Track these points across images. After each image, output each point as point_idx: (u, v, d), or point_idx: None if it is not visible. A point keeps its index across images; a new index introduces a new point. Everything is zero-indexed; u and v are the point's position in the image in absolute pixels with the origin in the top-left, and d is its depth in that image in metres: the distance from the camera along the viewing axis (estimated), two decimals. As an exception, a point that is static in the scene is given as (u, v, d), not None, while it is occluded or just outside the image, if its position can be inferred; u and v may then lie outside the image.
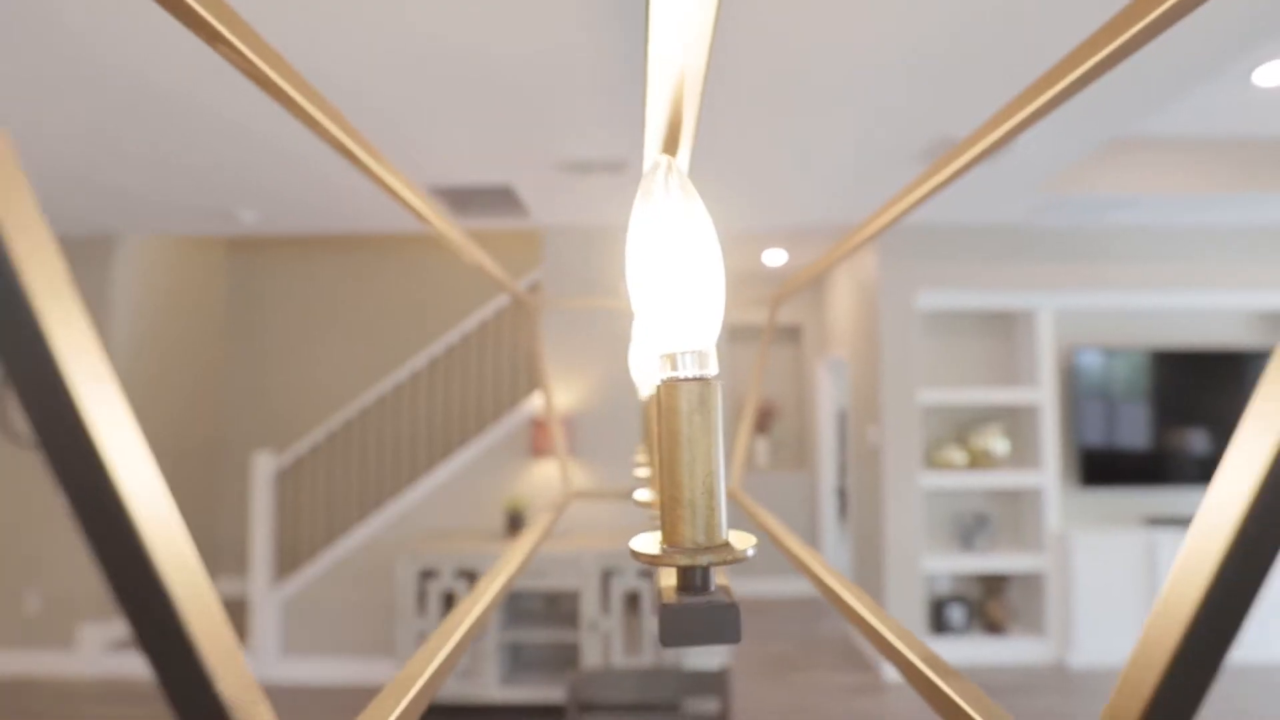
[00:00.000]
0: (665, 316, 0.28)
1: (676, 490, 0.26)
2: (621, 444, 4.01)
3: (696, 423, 0.27)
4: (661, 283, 0.27)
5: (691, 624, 0.24)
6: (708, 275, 0.27)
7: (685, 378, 0.28)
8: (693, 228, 0.27)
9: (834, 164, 3.17)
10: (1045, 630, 4.24)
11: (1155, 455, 4.39)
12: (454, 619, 0.36)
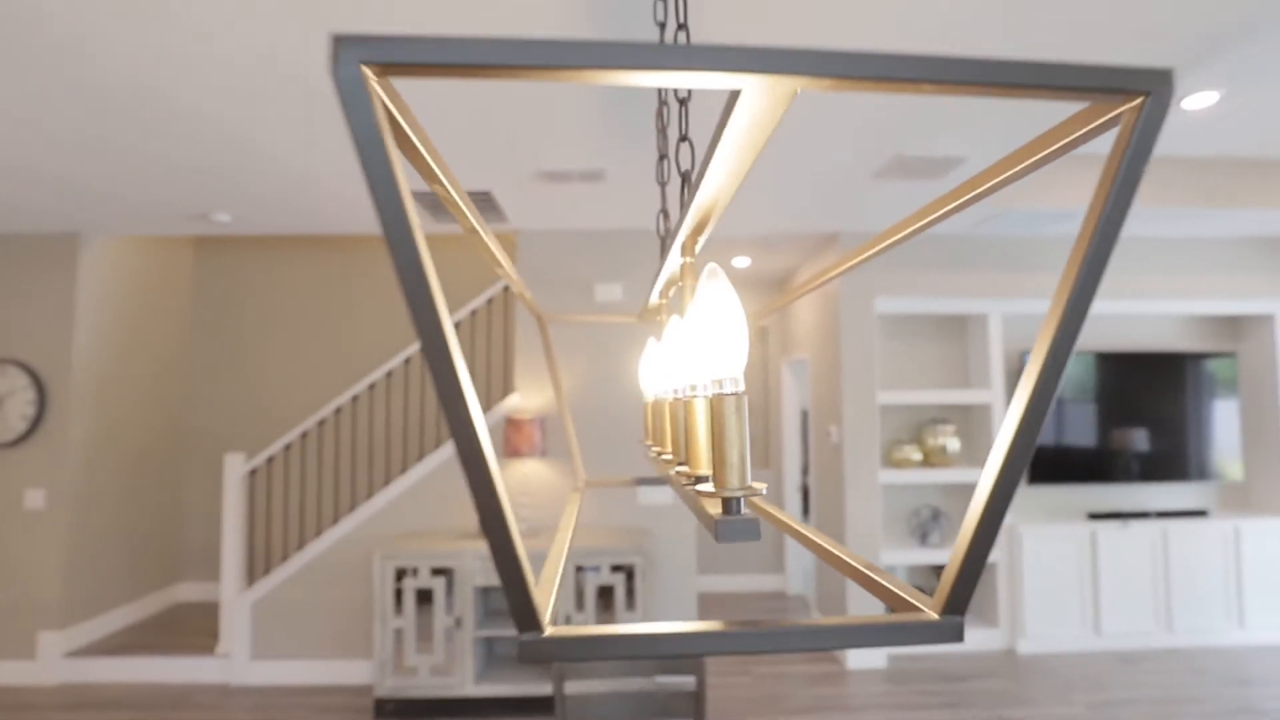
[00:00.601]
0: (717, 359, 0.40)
1: (722, 456, 0.39)
2: (592, 444, 4.12)
3: (734, 419, 0.39)
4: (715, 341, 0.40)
5: (735, 530, 0.37)
6: (739, 335, 0.40)
7: (729, 393, 0.40)
8: (731, 306, 0.40)
9: (799, 180, 3.34)
10: (997, 619, 4.48)
11: (1097, 453, 4.67)
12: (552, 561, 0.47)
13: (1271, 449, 4.76)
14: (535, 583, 0.30)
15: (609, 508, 4.12)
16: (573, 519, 0.68)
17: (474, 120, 2.66)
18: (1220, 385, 4.75)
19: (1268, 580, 4.54)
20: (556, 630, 0.33)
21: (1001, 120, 2.69)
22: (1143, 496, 4.87)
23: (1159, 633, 4.44)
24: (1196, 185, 3.90)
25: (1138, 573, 4.48)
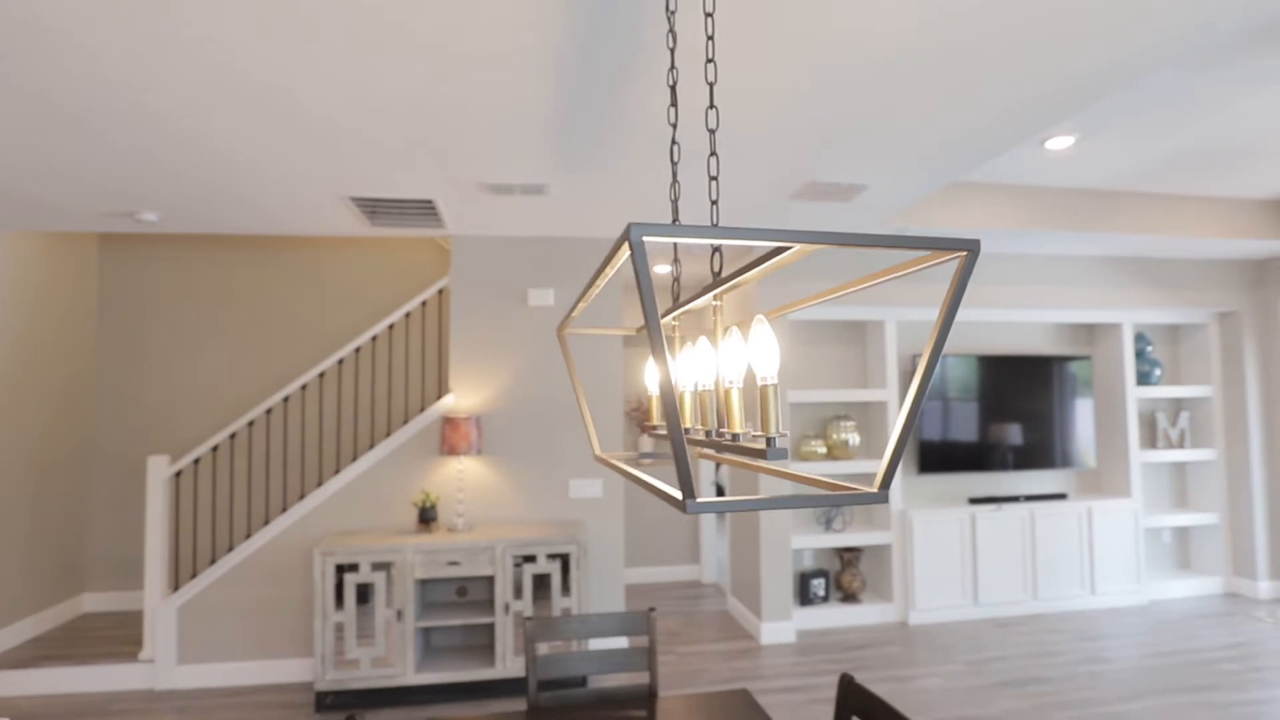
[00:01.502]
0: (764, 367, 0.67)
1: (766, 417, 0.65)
2: (528, 442, 4.31)
3: (772, 398, 0.66)
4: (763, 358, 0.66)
5: (776, 454, 0.64)
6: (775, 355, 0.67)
7: (770, 384, 0.66)
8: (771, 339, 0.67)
9: (725, 197, 3.67)
10: (891, 595, 4.99)
11: (978, 446, 5.28)
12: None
13: (1119, 440, 5.52)
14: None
15: (542, 502, 4.32)
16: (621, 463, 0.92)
17: (424, 135, 2.82)
18: (1079, 385, 5.47)
19: (1113, 553, 5.29)
20: (702, 499, 0.58)
21: (894, 159, 3.11)
22: (1014, 483, 5.54)
23: (1027, 600, 5.09)
24: (1060, 212, 4.54)
25: (1009, 549, 5.11)
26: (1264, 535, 5.49)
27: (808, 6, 1.93)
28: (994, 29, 2.07)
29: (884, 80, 2.39)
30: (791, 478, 0.84)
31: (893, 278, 0.64)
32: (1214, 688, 3.75)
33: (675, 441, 0.59)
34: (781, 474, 0.84)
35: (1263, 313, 5.64)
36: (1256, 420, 5.56)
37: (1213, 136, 3.68)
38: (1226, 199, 4.90)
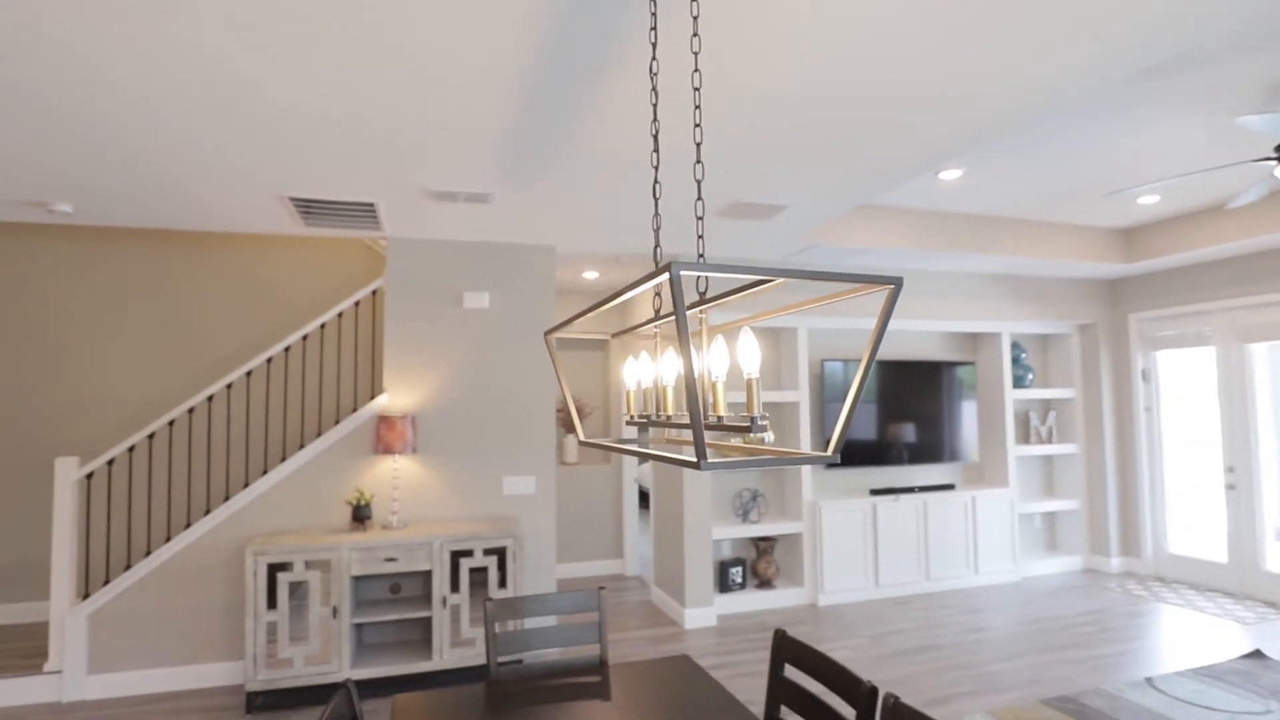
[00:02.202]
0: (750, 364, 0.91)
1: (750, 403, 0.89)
2: (463, 441, 4.42)
3: (756, 388, 0.90)
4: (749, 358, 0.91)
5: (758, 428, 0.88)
6: (756, 356, 0.92)
7: (754, 378, 0.91)
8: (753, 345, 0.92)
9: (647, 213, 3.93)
10: (803, 580, 5.40)
11: (879, 443, 5.78)
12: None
13: (998, 436, 6.17)
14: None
15: (476, 499, 4.44)
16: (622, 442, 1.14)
17: (378, 144, 2.92)
18: (965, 387, 6.08)
19: (993, 536, 5.92)
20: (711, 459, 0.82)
21: (810, 185, 3.46)
22: (910, 475, 6.09)
23: (920, 580, 5.62)
24: (951, 234, 5.07)
25: (905, 535, 5.63)
26: (1115, 518, 6.28)
27: (744, 72, 2.21)
28: (884, 92, 2.43)
29: (798, 127, 2.71)
30: (758, 451, 1.08)
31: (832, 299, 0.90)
32: (1073, 646, 4.33)
33: (694, 417, 0.81)
34: (747, 448, 1.08)
35: (1115, 325, 6.45)
36: (1109, 418, 6.35)
37: (1075, 175, 4.26)
38: (1086, 227, 5.61)
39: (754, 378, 0.89)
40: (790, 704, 1.84)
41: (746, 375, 0.90)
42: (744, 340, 0.92)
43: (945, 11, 2.01)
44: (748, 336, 0.92)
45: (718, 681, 2.12)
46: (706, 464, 0.83)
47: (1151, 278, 6.16)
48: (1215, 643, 4.38)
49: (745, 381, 0.92)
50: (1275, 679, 3.73)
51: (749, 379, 0.89)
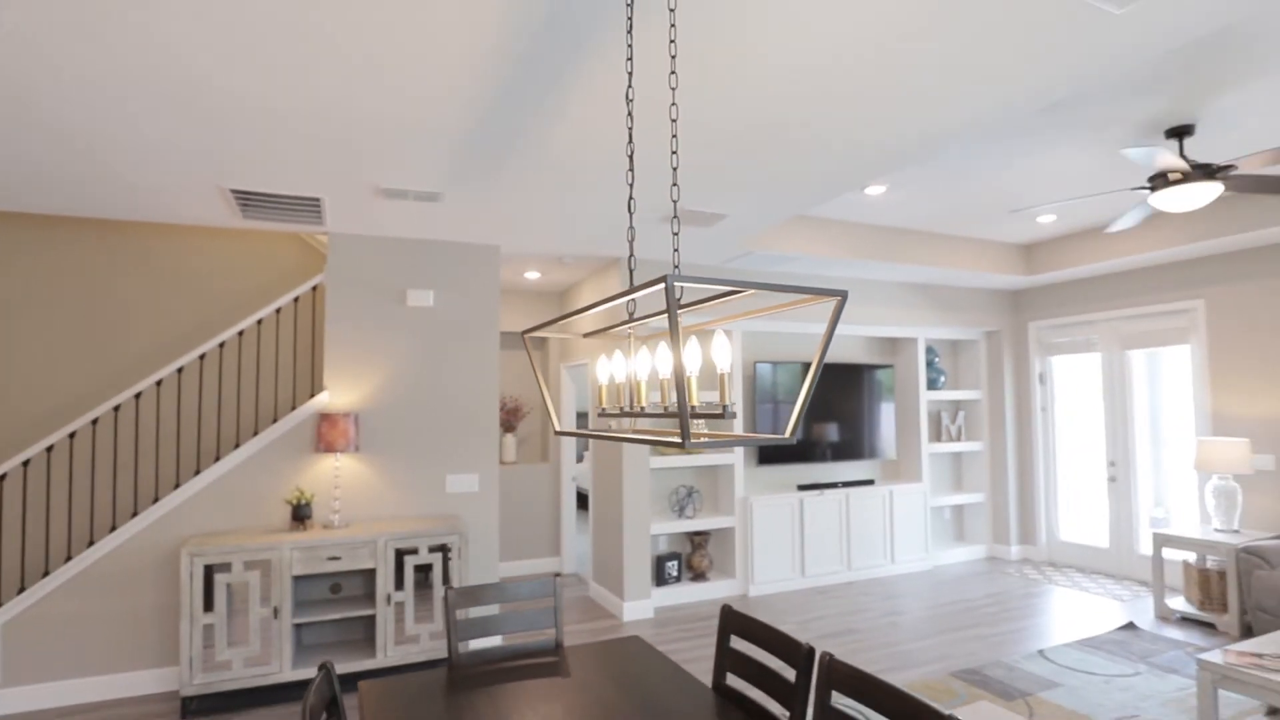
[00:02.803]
0: (723, 360, 1.08)
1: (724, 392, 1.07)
2: (405, 439, 4.45)
3: (727, 381, 1.08)
4: (722, 356, 1.08)
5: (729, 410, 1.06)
6: (728, 353, 1.10)
7: (726, 372, 1.09)
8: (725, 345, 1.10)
9: (600, 217, 4.09)
10: (734, 572, 5.66)
11: (805, 441, 6.11)
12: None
13: (913, 434, 6.62)
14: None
15: (419, 497, 4.47)
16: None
17: (334, 141, 2.97)
18: (884, 389, 6.49)
19: (908, 528, 6.35)
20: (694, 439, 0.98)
21: (748, 197, 3.70)
22: (834, 472, 6.46)
23: (843, 570, 5.98)
24: (874, 245, 5.43)
25: (829, 528, 5.98)
26: (1014, 510, 6.84)
27: (695, 100, 2.40)
28: (817, 123, 2.67)
29: (740, 150, 2.93)
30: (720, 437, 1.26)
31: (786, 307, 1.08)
32: (977, 625, 4.74)
33: (681, 404, 0.97)
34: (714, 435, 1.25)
35: (1016, 332, 7.02)
36: (1011, 418, 6.91)
37: (984, 194, 4.68)
38: (993, 242, 6.11)
39: (726, 372, 1.06)
40: (736, 671, 2.03)
41: (720, 370, 1.07)
42: (718, 341, 1.09)
43: (868, 58, 2.26)
44: (721, 338, 1.09)
45: (668, 657, 2.29)
46: (690, 443, 0.99)
47: (1048, 289, 6.75)
48: (1097, 617, 4.88)
49: (719, 376, 1.09)
50: (1144, 646, 4.22)
51: (721, 374, 1.06)
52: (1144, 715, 3.29)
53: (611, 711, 1.88)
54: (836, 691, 1.62)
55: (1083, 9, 2.06)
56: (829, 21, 2.08)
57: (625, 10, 2.00)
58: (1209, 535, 4.75)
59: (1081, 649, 4.19)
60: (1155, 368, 6.03)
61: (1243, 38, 2.72)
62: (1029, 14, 2.07)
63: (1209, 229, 4.99)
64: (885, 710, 1.47)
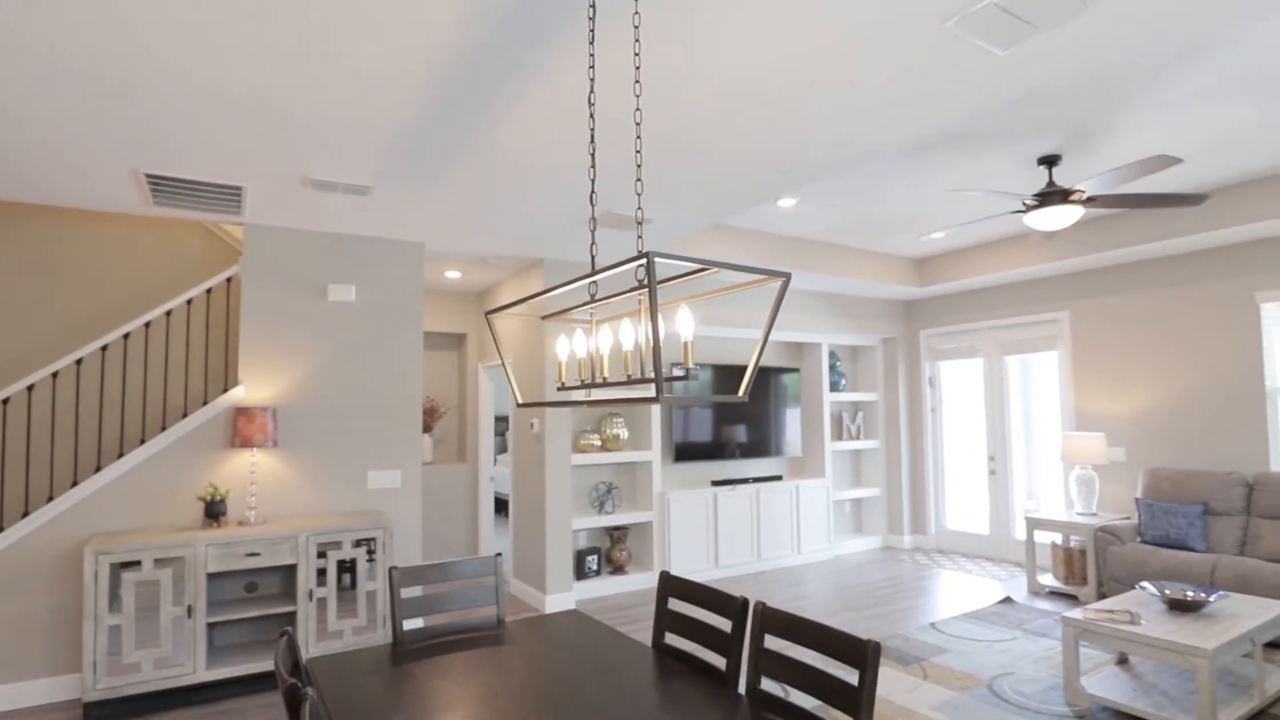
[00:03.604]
0: (687, 331, 1.26)
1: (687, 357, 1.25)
2: (325, 434, 4.38)
3: (690, 350, 1.26)
4: (686, 327, 1.27)
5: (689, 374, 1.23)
6: (691, 323, 1.28)
7: (688, 340, 1.26)
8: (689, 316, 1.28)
9: (525, 219, 4.20)
10: (652, 564, 5.86)
11: (717, 440, 6.39)
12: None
13: (817, 433, 7.05)
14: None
15: (339, 494, 4.41)
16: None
17: (268, 129, 2.96)
18: (791, 391, 6.89)
19: (812, 521, 6.75)
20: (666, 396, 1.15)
21: (671, 204, 3.92)
22: (745, 468, 6.79)
23: (754, 561, 6.30)
24: (784, 253, 5.79)
25: (741, 521, 6.28)
26: (907, 503, 7.40)
27: (618, 116, 2.59)
28: (734, 144, 2.92)
29: (667, 164, 3.15)
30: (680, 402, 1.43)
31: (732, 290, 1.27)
32: (876, 605, 5.14)
33: (657, 367, 1.13)
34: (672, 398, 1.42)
35: (909, 339, 7.62)
36: (904, 418, 7.48)
37: (883, 210, 5.11)
38: (890, 255, 6.63)
39: (689, 340, 1.24)
40: (674, 630, 2.21)
41: (684, 339, 1.24)
42: (683, 314, 1.26)
43: (785, 86, 2.52)
44: (685, 311, 1.26)
45: (608, 625, 2.44)
46: (664, 398, 1.16)
47: (937, 300, 7.37)
48: (979, 594, 5.40)
49: (683, 344, 1.26)
50: (1019, 616, 4.73)
51: (685, 342, 1.23)
52: (1020, 671, 3.72)
53: (559, 670, 2.02)
54: (769, 634, 1.82)
55: (972, 49, 2.39)
56: (749, 53, 2.32)
57: (585, 24, 2.16)
58: (1072, 518, 5.36)
59: (966, 621, 4.65)
60: (1028, 372, 6.72)
61: (1101, 83, 3.18)
62: (926, 52, 2.38)
63: (1073, 249, 5.65)
64: (812, 643, 1.68)
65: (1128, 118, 3.58)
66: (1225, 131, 3.80)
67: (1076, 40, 2.34)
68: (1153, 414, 5.65)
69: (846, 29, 2.25)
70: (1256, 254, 5.14)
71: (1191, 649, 2.87)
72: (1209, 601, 3.28)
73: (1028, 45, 2.37)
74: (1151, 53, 2.93)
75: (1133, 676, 3.49)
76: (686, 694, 1.82)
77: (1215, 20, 2.34)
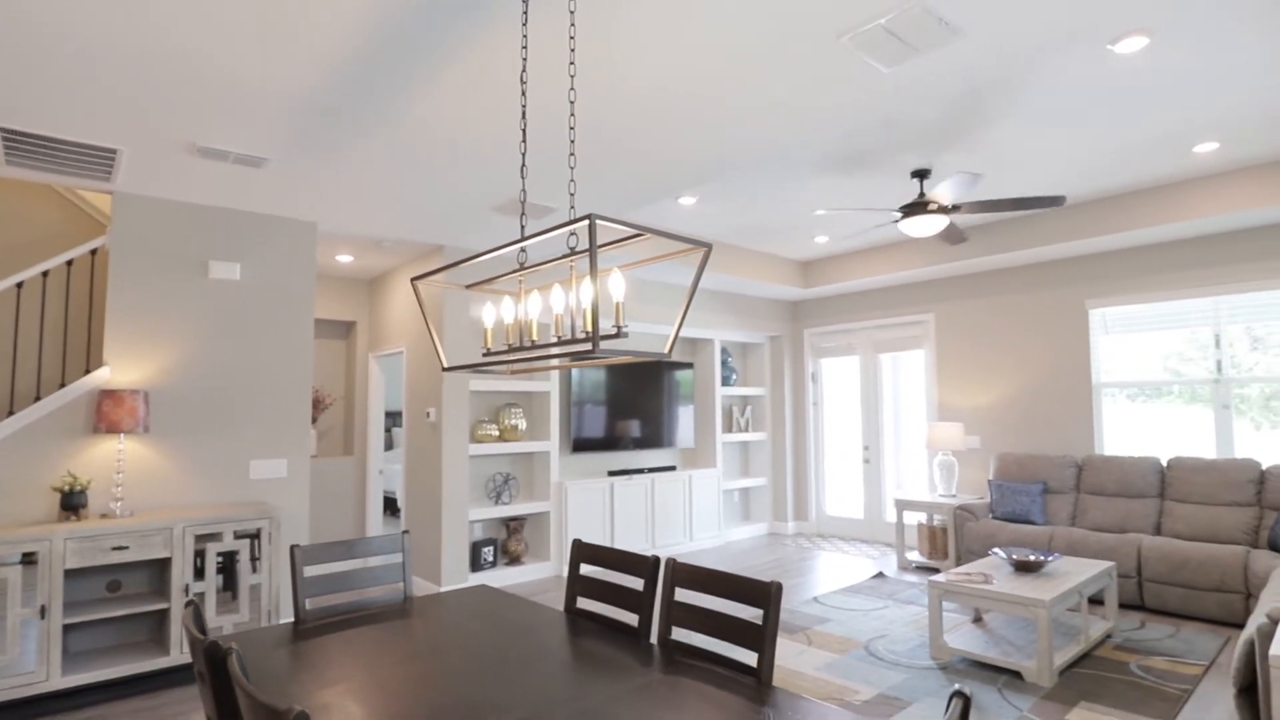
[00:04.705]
0: (619, 293, 1.36)
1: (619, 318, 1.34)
2: (205, 421, 4.12)
3: (622, 310, 1.35)
4: (618, 289, 1.36)
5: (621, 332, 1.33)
6: (622, 286, 1.37)
7: (620, 301, 1.36)
8: (621, 279, 1.38)
9: (431, 202, 4.15)
10: (549, 555, 5.89)
11: (616, 429, 6.52)
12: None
13: (709, 426, 7.33)
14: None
15: (219, 484, 4.16)
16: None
17: (157, 85, 2.78)
18: (685, 385, 7.13)
19: (704, 509, 7.02)
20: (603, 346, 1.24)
21: (580, 193, 4.01)
22: (640, 459, 6.95)
23: (648, 548, 6.47)
24: (688, 253, 6.00)
25: (636, 510, 6.44)
26: (791, 492, 7.84)
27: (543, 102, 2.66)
28: (633, 144, 3.06)
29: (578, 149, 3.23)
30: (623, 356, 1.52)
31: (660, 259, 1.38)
32: (763, 585, 5.45)
33: (594, 324, 1.21)
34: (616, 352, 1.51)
35: (795, 337, 8.08)
36: (789, 411, 7.93)
37: (772, 215, 5.42)
38: (779, 257, 7.01)
39: (620, 301, 1.33)
40: (586, 594, 2.29)
41: (615, 301, 1.33)
42: (615, 278, 1.35)
43: (686, 88, 2.67)
44: (618, 276, 1.35)
45: (519, 596, 2.49)
46: (599, 350, 1.25)
47: (820, 301, 7.86)
48: (855, 571, 5.83)
49: (615, 305, 1.35)
50: (890, 588, 5.16)
51: (617, 302, 1.33)
52: (891, 634, 4.09)
53: (477, 634, 2.05)
54: (680, 587, 1.95)
55: (861, 65, 2.63)
56: (662, 51, 2.45)
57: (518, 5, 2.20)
58: (935, 500, 5.90)
59: (844, 594, 5.02)
60: (898, 368, 7.31)
61: (968, 104, 3.56)
62: (821, 63, 2.60)
63: (938, 257, 6.22)
64: (721, 591, 1.82)
65: (989, 136, 4.02)
66: (1061, 153, 4.34)
67: (949, 64, 2.63)
68: (1003, 405, 6.31)
69: (752, 34, 2.42)
70: (1087, 267, 5.88)
71: (1033, 600, 3.29)
72: (1047, 562, 3.76)
73: (908, 65, 2.65)
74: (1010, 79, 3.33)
75: (986, 632, 3.93)
76: (603, 646, 1.91)
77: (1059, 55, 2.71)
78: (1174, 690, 3.23)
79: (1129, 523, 4.96)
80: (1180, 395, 5.41)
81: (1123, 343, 5.70)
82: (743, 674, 1.71)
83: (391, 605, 2.42)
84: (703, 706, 1.52)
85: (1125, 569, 4.57)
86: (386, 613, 2.32)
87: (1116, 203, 5.20)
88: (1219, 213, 4.74)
